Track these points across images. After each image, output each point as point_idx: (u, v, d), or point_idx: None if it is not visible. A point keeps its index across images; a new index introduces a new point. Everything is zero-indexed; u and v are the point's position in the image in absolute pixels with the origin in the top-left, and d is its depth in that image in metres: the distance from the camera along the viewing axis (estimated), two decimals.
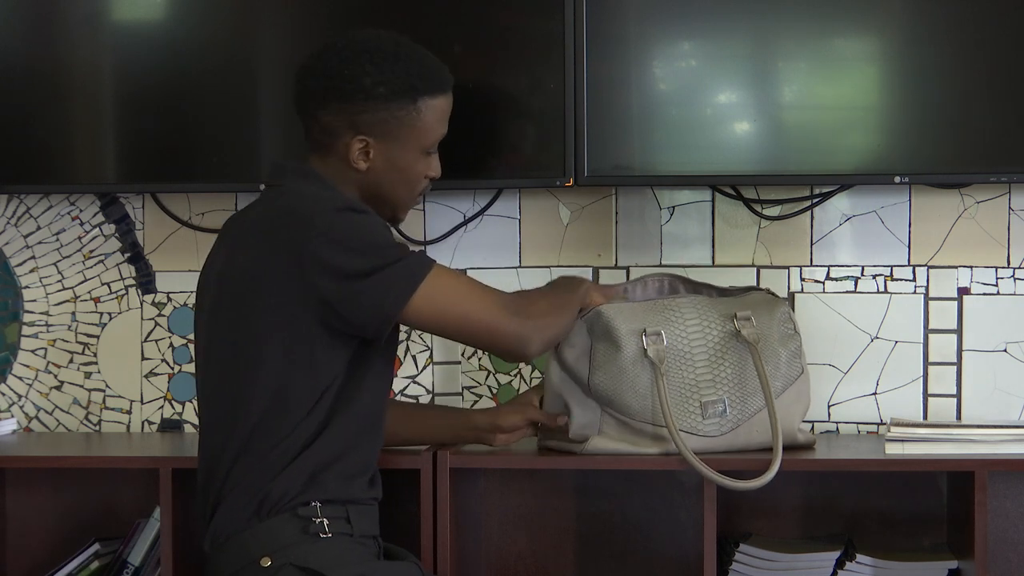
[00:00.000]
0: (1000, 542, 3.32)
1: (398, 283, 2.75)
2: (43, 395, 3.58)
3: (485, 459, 3.13)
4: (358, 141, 2.87)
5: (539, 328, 2.86)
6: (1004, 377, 3.40)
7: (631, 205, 3.46)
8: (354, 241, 2.75)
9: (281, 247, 2.76)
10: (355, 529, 2.81)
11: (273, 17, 3.40)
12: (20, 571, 3.46)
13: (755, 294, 3.16)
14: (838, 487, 3.36)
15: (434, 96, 2.90)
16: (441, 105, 2.92)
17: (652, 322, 3.06)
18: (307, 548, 2.75)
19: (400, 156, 2.89)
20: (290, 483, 2.76)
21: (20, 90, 3.42)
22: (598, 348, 3.03)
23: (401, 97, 2.87)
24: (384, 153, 2.88)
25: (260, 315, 2.77)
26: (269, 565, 2.75)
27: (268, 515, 2.76)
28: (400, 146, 2.89)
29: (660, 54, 3.32)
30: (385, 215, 2.93)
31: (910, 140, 3.29)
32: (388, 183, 2.90)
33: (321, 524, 2.77)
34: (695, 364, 3.06)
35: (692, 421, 3.05)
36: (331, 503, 2.78)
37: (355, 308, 2.74)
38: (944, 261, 3.41)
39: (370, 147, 2.87)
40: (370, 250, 2.75)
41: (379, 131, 2.87)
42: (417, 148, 2.90)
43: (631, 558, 3.40)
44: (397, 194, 2.92)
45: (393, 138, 2.88)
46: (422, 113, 2.89)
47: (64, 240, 3.58)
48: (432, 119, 2.90)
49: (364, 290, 2.73)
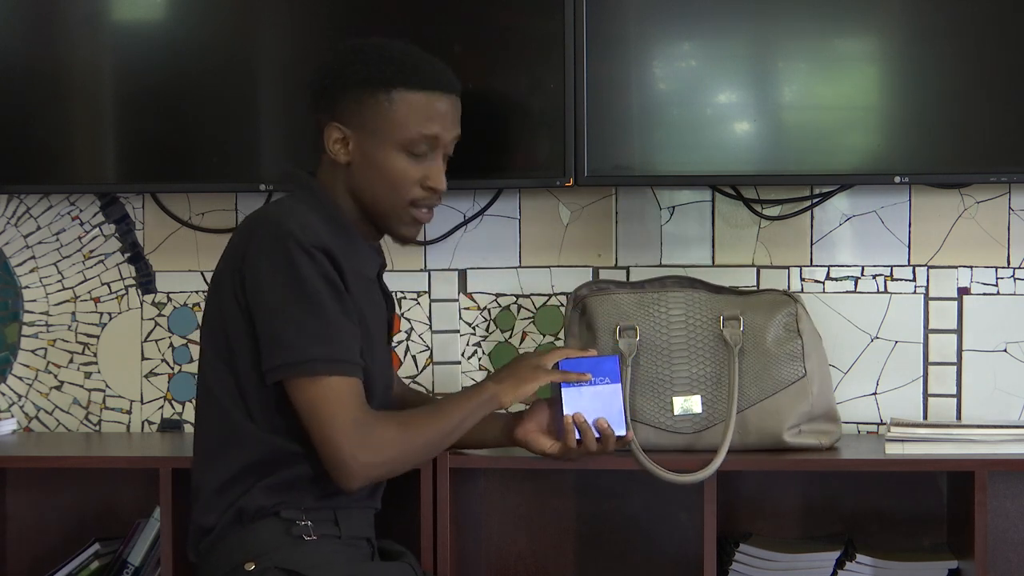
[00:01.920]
0: (1000, 542, 3.32)
1: (293, 355, 2.68)
2: (43, 395, 3.58)
3: (485, 459, 3.13)
4: (334, 129, 2.81)
5: (372, 468, 2.71)
6: (1004, 377, 3.40)
7: (631, 205, 3.46)
8: (284, 275, 2.69)
9: (234, 251, 2.75)
10: (343, 531, 2.80)
11: (273, 17, 3.40)
12: (20, 571, 3.46)
13: (764, 294, 3.17)
14: (838, 487, 3.36)
15: (412, 90, 2.80)
16: (420, 101, 2.81)
17: (631, 316, 3.11)
18: (291, 551, 2.74)
19: (375, 151, 2.81)
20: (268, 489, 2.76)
21: (20, 90, 3.42)
22: (585, 339, 3.11)
23: (374, 85, 2.80)
24: (360, 146, 2.81)
25: (221, 318, 2.77)
26: (253, 569, 2.74)
27: (251, 520, 2.76)
28: (374, 139, 2.80)
29: (660, 54, 3.32)
30: (382, 228, 2.87)
31: (910, 140, 3.29)
32: (368, 182, 2.82)
33: (305, 527, 2.76)
34: (672, 360, 3.09)
35: (662, 416, 3.07)
36: (317, 507, 2.78)
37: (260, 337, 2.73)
38: (944, 261, 3.41)
39: (348, 138, 2.81)
40: (295, 293, 2.69)
41: (355, 121, 2.80)
42: (391, 143, 2.80)
43: (631, 558, 3.40)
44: (379, 196, 2.82)
45: (368, 130, 2.80)
46: (395, 104, 2.80)
47: (64, 240, 3.58)
48: (406, 113, 2.80)
49: (265, 331, 2.70)
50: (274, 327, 2.69)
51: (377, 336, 2.85)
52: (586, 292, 3.18)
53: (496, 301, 3.49)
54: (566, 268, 3.47)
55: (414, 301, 3.49)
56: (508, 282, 3.48)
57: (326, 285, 2.70)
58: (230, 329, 2.75)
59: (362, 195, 2.84)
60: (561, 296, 3.47)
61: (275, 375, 2.70)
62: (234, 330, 2.74)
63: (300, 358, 2.68)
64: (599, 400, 2.91)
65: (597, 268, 3.47)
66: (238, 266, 2.73)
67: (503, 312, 3.48)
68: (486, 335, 3.49)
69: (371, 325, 2.82)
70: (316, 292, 2.68)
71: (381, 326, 2.90)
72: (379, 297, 2.91)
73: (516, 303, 3.48)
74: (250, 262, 2.71)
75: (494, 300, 3.49)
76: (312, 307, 2.69)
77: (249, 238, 2.73)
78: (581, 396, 2.91)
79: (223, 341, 2.76)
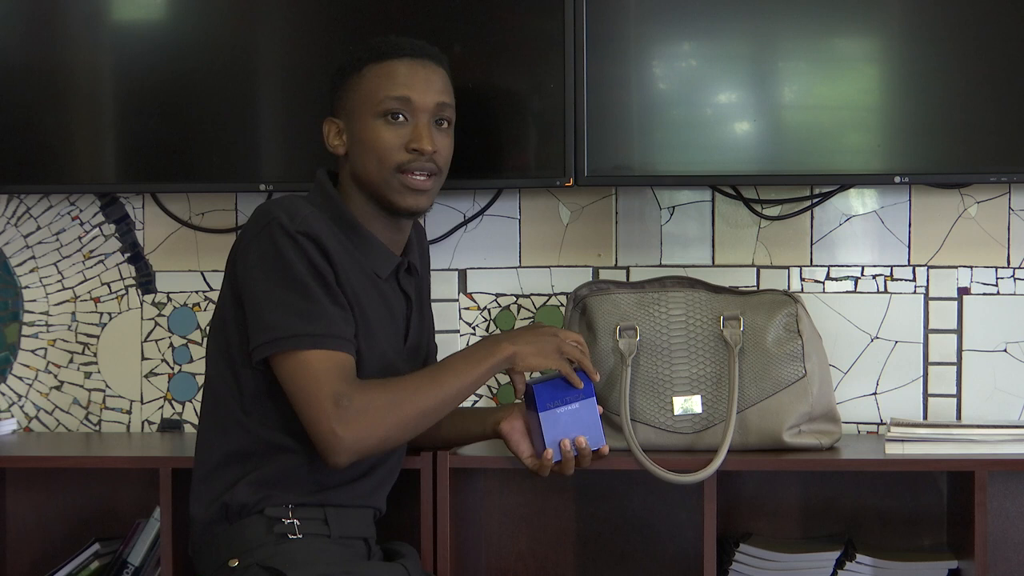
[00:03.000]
0: (1000, 542, 3.32)
1: (275, 332, 2.72)
2: (43, 395, 3.58)
3: (485, 459, 3.13)
4: (330, 123, 2.90)
5: (355, 442, 2.70)
6: (1004, 377, 3.40)
7: (631, 205, 3.46)
8: (270, 260, 2.73)
9: (235, 244, 2.83)
10: (334, 530, 2.81)
11: (273, 17, 3.40)
12: (20, 571, 3.46)
13: (764, 295, 3.17)
14: (838, 487, 3.36)
15: (378, 61, 2.88)
16: (386, 68, 2.87)
17: (631, 316, 3.11)
18: (273, 549, 2.75)
19: (357, 128, 2.87)
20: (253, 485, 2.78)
21: (20, 90, 3.42)
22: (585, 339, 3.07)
23: (349, 71, 2.89)
24: (349, 130, 2.89)
25: (221, 309, 2.83)
26: (236, 566, 2.76)
27: (237, 516, 2.78)
28: (356, 119, 2.87)
29: (660, 54, 3.32)
30: (384, 205, 2.88)
31: (910, 140, 3.29)
32: (360, 161, 2.87)
33: (291, 525, 2.77)
34: (672, 360, 3.10)
35: (662, 416, 3.07)
36: (305, 505, 2.79)
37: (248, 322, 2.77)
38: (944, 261, 3.41)
39: (342, 129, 2.89)
40: (280, 275, 2.73)
41: (344, 111, 2.89)
42: (368, 115, 2.86)
43: (631, 558, 3.40)
44: (368, 168, 2.86)
45: (351, 112, 2.88)
46: (365, 78, 2.87)
47: (64, 240, 3.58)
48: (375, 81, 2.86)
49: (253, 312, 2.74)
50: (259, 309, 2.73)
51: (381, 333, 2.85)
52: (586, 292, 3.19)
53: (496, 301, 3.49)
54: (566, 268, 3.47)
55: None
56: (508, 282, 3.48)
57: (310, 268, 2.73)
58: (226, 319, 2.81)
59: (359, 178, 2.88)
60: (561, 296, 3.47)
61: (260, 353, 2.73)
62: (230, 319, 2.80)
63: (282, 334, 2.71)
64: (576, 418, 2.90)
65: (597, 268, 3.47)
66: (232, 255, 2.81)
67: (503, 312, 3.48)
68: (486, 335, 3.49)
69: (372, 321, 2.82)
70: (300, 274, 2.73)
71: (389, 324, 2.89)
72: (393, 295, 2.91)
73: (516, 303, 3.48)
74: (241, 251, 2.78)
75: (494, 300, 3.49)
76: (295, 287, 2.72)
77: (244, 229, 2.81)
78: (558, 418, 2.89)
79: (221, 331, 2.82)
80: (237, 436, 2.79)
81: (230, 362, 2.80)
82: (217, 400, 2.83)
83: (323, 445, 2.70)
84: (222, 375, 2.81)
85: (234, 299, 2.79)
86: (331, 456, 2.70)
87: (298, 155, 3.36)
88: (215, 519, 2.80)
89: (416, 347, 2.96)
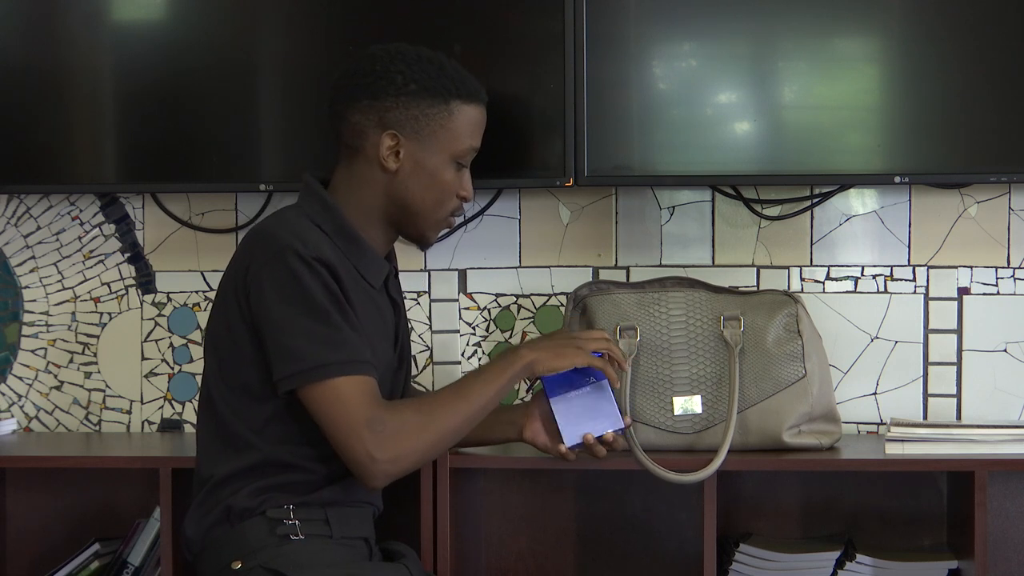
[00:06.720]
0: (1000, 542, 3.32)
1: (304, 363, 2.71)
2: (43, 395, 3.58)
3: (485, 459, 3.13)
4: (389, 136, 2.84)
5: (391, 464, 2.72)
6: (1004, 377, 3.40)
7: (631, 205, 3.46)
8: (288, 287, 2.72)
9: (237, 266, 2.79)
10: (335, 531, 2.81)
11: (273, 17, 3.40)
12: (20, 571, 3.46)
13: (764, 295, 3.17)
14: (838, 487, 3.36)
15: (467, 102, 2.87)
16: (473, 114, 2.88)
17: (631, 316, 3.12)
18: (276, 550, 2.76)
19: (429, 158, 2.85)
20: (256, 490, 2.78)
21: (20, 90, 3.42)
22: None
23: (433, 96, 2.84)
24: (413, 154, 2.85)
25: (226, 334, 2.80)
26: (239, 568, 2.76)
27: (239, 519, 2.77)
28: (429, 147, 2.85)
29: (660, 54, 3.32)
30: (411, 233, 2.90)
31: (910, 140, 3.29)
32: (416, 188, 2.86)
33: (293, 526, 2.77)
34: (672, 360, 3.10)
35: (662, 416, 3.08)
36: (306, 505, 2.79)
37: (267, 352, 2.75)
38: (944, 261, 3.41)
39: (400, 145, 2.84)
40: (299, 303, 2.72)
41: (410, 129, 2.84)
42: (446, 153, 2.86)
43: (631, 558, 3.40)
44: (424, 204, 2.86)
45: (423, 137, 2.84)
46: (454, 115, 2.85)
47: (64, 240, 3.58)
48: (463, 124, 2.86)
49: (275, 342, 2.72)
50: (283, 339, 2.72)
51: (379, 345, 2.86)
52: (586, 292, 3.19)
53: (496, 301, 3.49)
54: (566, 268, 3.47)
55: (414, 301, 3.49)
56: (508, 282, 3.48)
57: (328, 295, 2.73)
58: (234, 344, 2.78)
59: (405, 201, 2.86)
60: (561, 296, 3.47)
61: (287, 384, 2.72)
62: (239, 345, 2.77)
63: (311, 364, 2.70)
64: (589, 402, 2.91)
65: (597, 268, 3.47)
66: (241, 283, 2.76)
67: (503, 312, 3.48)
68: (486, 335, 3.49)
69: (372, 335, 2.83)
70: (320, 301, 2.72)
71: (383, 333, 2.90)
72: (384, 304, 2.91)
73: (516, 303, 3.48)
74: (253, 278, 2.74)
75: (494, 300, 3.49)
76: (317, 315, 2.72)
77: (250, 254, 2.77)
78: (571, 404, 2.91)
79: (227, 355, 2.80)
80: (248, 455, 2.79)
81: (233, 387, 2.78)
82: (220, 422, 2.81)
83: (360, 470, 2.71)
84: (224, 398, 2.79)
85: (246, 328, 2.76)
86: (369, 480, 2.72)
87: (298, 155, 3.36)
88: (217, 523, 2.79)
89: (403, 353, 2.97)
